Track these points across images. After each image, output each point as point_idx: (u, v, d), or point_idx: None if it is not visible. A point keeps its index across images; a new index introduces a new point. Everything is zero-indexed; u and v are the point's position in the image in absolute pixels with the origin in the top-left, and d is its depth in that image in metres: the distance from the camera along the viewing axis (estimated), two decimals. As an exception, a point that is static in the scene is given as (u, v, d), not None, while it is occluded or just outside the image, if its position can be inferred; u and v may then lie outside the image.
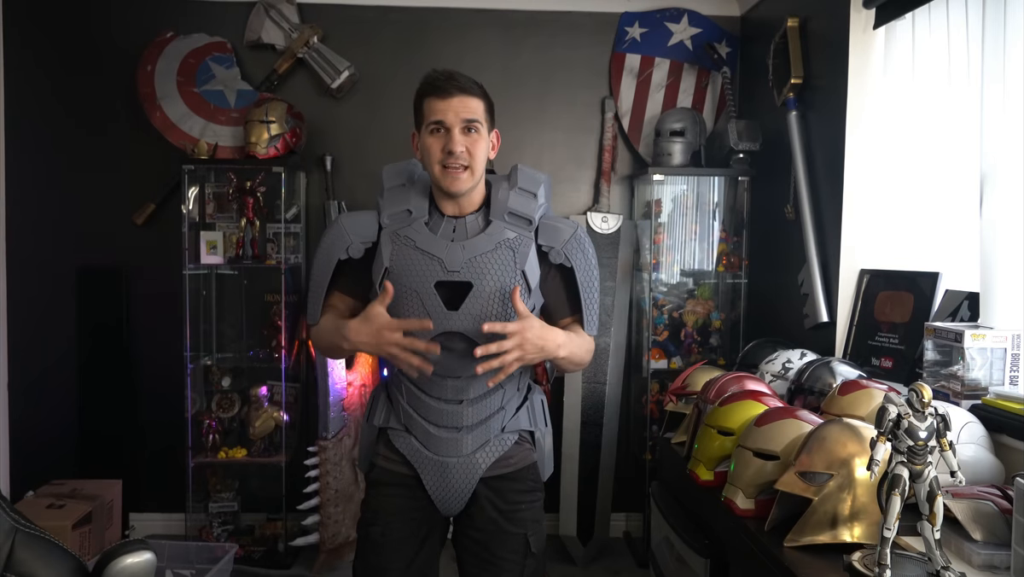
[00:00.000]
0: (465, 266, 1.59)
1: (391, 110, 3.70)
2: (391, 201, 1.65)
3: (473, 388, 1.64)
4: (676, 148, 3.48)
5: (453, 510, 1.70)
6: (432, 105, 1.59)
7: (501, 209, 1.64)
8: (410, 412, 1.67)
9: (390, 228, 1.63)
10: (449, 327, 1.59)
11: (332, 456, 3.32)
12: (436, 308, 1.58)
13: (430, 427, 1.65)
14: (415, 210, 1.64)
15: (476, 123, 1.59)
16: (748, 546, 1.69)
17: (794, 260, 3.03)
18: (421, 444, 1.65)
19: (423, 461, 1.65)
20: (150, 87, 3.56)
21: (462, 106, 1.58)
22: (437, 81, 1.59)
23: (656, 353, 3.58)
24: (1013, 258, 2.02)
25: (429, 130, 1.60)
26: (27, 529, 1.45)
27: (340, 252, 1.64)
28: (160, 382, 3.64)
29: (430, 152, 1.59)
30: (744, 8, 3.72)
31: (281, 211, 3.46)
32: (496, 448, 1.67)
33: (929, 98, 2.46)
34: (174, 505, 3.60)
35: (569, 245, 1.65)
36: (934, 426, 1.31)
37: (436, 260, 1.59)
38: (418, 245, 1.61)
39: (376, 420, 1.72)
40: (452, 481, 1.65)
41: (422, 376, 1.60)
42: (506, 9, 3.70)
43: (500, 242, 1.62)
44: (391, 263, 1.60)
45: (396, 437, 1.68)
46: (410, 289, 1.59)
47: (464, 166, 1.58)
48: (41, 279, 3.65)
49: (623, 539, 3.75)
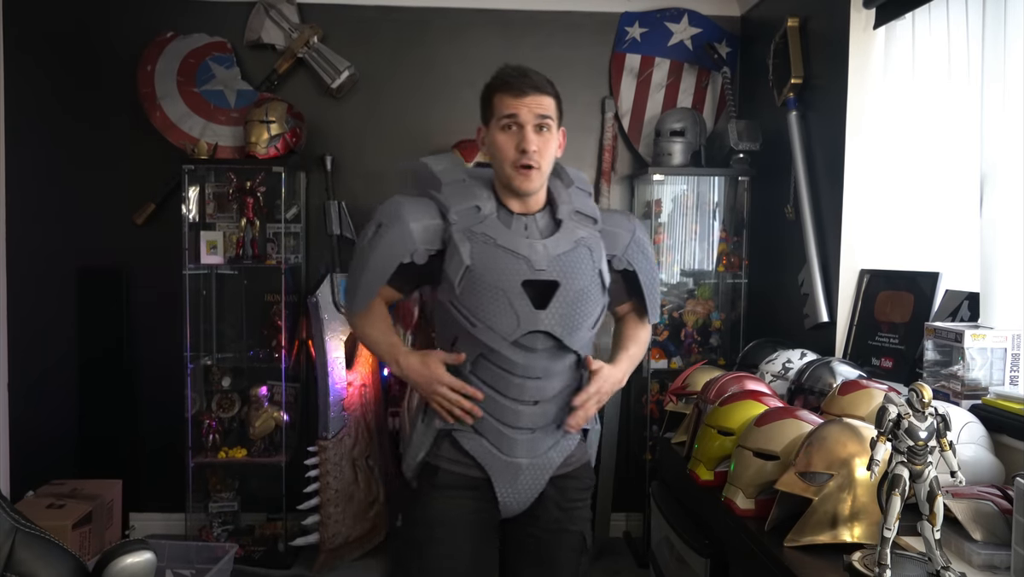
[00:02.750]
0: (551, 265, 1.56)
1: (391, 110, 3.70)
2: (455, 196, 1.59)
3: (550, 388, 1.60)
4: (676, 148, 3.48)
5: (516, 511, 1.66)
6: (505, 101, 1.56)
7: (568, 208, 1.63)
8: (484, 415, 1.60)
9: (460, 225, 1.56)
10: (536, 326, 1.55)
11: (332, 456, 3.31)
12: (524, 307, 1.54)
13: (504, 429, 1.59)
14: (484, 206, 1.59)
15: (549, 120, 1.57)
16: (748, 546, 1.69)
17: (794, 260, 3.03)
18: (493, 446, 1.60)
19: (495, 463, 1.60)
20: (150, 87, 3.56)
21: (536, 104, 1.55)
22: (511, 78, 1.56)
23: (656, 353, 3.57)
24: (1013, 258, 2.02)
25: (501, 126, 1.56)
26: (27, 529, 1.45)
27: (403, 256, 1.56)
28: (160, 382, 3.64)
29: (502, 150, 1.56)
30: (744, 8, 3.71)
31: (281, 211, 3.46)
32: (565, 447, 1.66)
33: (929, 98, 2.46)
34: (174, 505, 3.60)
35: (630, 250, 1.69)
36: (934, 426, 1.31)
37: (522, 258, 1.55)
38: (499, 243, 1.55)
39: (440, 422, 1.63)
40: (523, 483, 1.62)
41: (497, 379, 1.57)
42: (506, 9, 3.70)
43: (577, 241, 1.60)
44: (472, 261, 1.54)
45: (465, 439, 1.61)
46: (495, 288, 1.53)
47: (535, 165, 1.55)
48: (41, 279, 3.65)
49: (623, 539, 3.75)
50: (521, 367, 1.56)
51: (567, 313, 1.56)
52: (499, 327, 1.53)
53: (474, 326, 1.53)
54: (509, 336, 1.53)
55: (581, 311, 1.58)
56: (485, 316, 1.53)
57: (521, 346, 1.55)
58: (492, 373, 1.57)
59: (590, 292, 1.59)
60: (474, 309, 1.53)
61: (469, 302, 1.53)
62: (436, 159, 1.67)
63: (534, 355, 1.56)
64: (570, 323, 1.56)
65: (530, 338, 1.55)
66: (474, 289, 1.53)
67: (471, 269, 1.53)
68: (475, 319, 1.53)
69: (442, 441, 1.64)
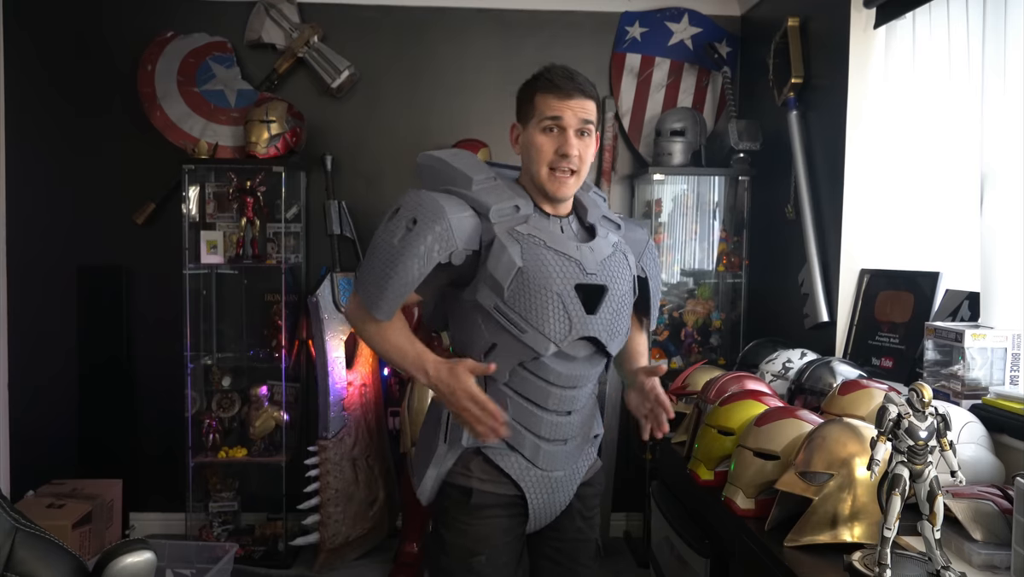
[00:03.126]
0: (599, 269, 1.51)
1: (391, 109, 3.70)
2: (491, 194, 1.50)
3: (582, 397, 1.57)
4: (676, 148, 3.48)
5: (542, 525, 1.61)
6: (549, 102, 1.50)
7: (596, 213, 1.60)
8: (516, 427, 1.51)
9: (503, 225, 1.47)
10: (586, 332, 1.49)
11: (332, 456, 3.31)
12: (577, 311, 1.47)
13: (541, 442, 1.53)
14: (523, 206, 1.51)
15: (591, 125, 1.52)
16: (748, 546, 1.69)
17: (794, 260, 3.03)
18: (529, 461, 1.53)
19: (532, 479, 1.54)
20: (150, 87, 3.56)
21: (580, 107, 1.50)
22: (558, 79, 1.51)
23: (656, 353, 3.57)
24: (1013, 258, 2.02)
25: (542, 127, 1.51)
26: (27, 529, 1.45)
27: (443, 256, 1.43)
28: (160, 382, 3.64)
29: (541, 151, 1.50)
30: (744, 8, 3.71)
31: (281, 211, 3.46)
32: (589, 456, 1.64)
33: (929, 98, 2.46)
34: (174, 505, 3.60)
35: (646, 257, 1.68)
36: (934, 426, 1.31)
37: (573, 261, 1.48)
38: (549, 245, 1.48)
39: (466, 440, 1.52)
40: (557, 496, 1.58)
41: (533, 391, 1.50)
42: (506, 8, 3.70)
43: (615, 246, 1.57)
44: (524, 263, 1.45)
45: (499, 456, 1.52)
46: (550, 292, 1.45)
47: (573, 170, 1.51)
48: (42, 279, 3.65)
49: (623, 539, 3.75)
50: (562, 376, 1.51)
51: (612, 319, 1.53)
52: (552, 332, 1.46)
53: (524, 332, 1.45)
54: (561, 341, 1.47)
55: (623, 317, 1.56)
56: (537, 321, 1.45)
57: (563, 354, 1.49)
58: (529, 384, 1.51)
59: (629, 298, 1.58)
60: (525, 313, 1.45)
61: (520, 306, 1.45)
62: (452, 155, 1.58)
63: (574, 363, 1.52)
64: (614, 329, 1.54)
65: (574, 345, 1.50)
66: (526, 292, 1.44)
67: (523, 271, 1.45)
68: (526, 324, 1.45)
69: (471, 459, 1.54)
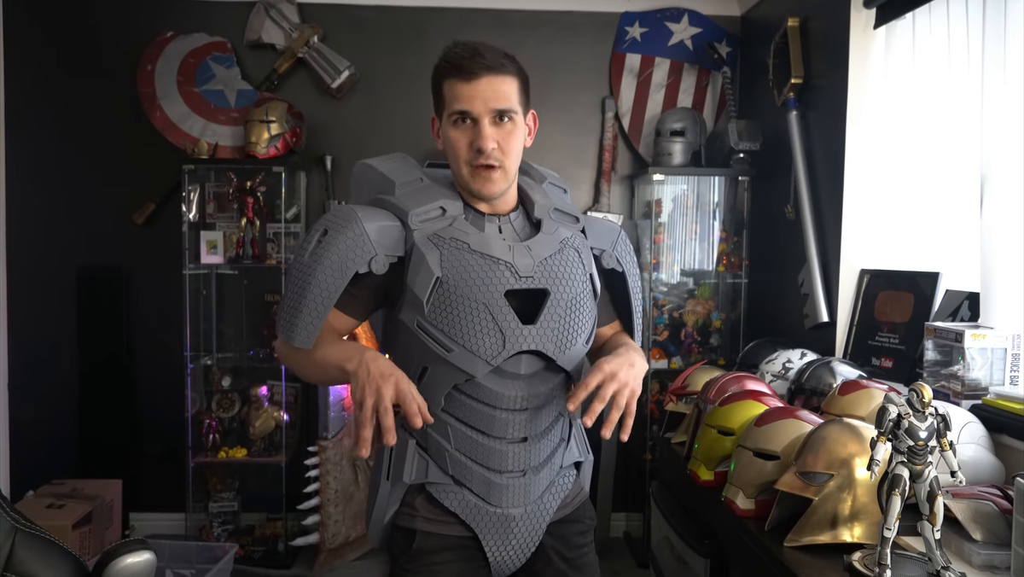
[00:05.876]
0: (537, 271, 1.32)
1: (391, 110, 3.70)
2: (412, 198, 1.33)
3: (539, 420, 1.35)
4: (676, 148, 3.48)
5: (511, 570, 1.39)
6: (455, 90, 1.30)
7: (545, 205, 1.41)
8: (461, 459, 1.32)
9: (424, 229, 1.31)
10: (524, 345, 1.29)
11: (332, 456, 3.31)
12: (510, 323, 1.28)
13: (491, 475, 1.32)
14: (449, 207, 1.34)
15: (510, 112, 1.31)
16: (748, 546, 1.69)
17: (794, 260, 3.03)
18: (480, 497, 1.33)
19: (483, 518, 1.33)
20: (150, 87, 3.56)
21: (491, 91, 1.29)
22: (459, 59, 1.29)
23: (656, 353, 3.58)
24: (1013, 258, 2.02)
25: (452, 120, 1.32)
26: (27, 529, 1.44)
27: (361, 265, 1.27)
28: (160, 382, 3.64)
29: (455, 147, 1.32)
30: (744, 8, 3.71)
31: (281, 211, 3.46)
32: (561, 488, 1.41)
33: (929, 98, 2.46)
34: (174, 505, 3.60)
35: (619, 247, 1.48)
36: (934, 426, 1.31)
37: (503, 264, 1.30)
38: (474, 248, 1.30)
39: (408, 476, 1.34)
40: (518, 536, 1.36)
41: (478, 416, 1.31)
42: (506, 9, 3.70)
43: (563, 242, 1.38)
44: (444, 271, 1.27)
45: (444, 493, 1.33)
46: (475, 301, 1.27)
47: (496, 165, 1.31)
48: (41, 279, 3.65)
49: (623, 539, 3.75)
50: (505, 398, 1.30)
51: (559, 327, 1.32)
52: (481, 349, 1.26)
53: (450, 351, 1.27)
54: (493, 359, 1.27)
55: (574, 323, 1.34)
56: (463, 337, 1.26)
57: (501, 372, 1.30)
58: (469, 409, 1.31)
59: (583, 300, 1.36)
60: (448, 330, 1.26)
61: (442, 322, 1.26)
62: (383, 159, 1.44)
63: (517, 382, 1.31)
64: (563, 338, 1.33)
65: (512, 362, 1.30)
66: (448, 305, 1.26)
67: (442, 281, 1.27)
68: (451, 342, 1.26)
69: (414, 497, 1.36)
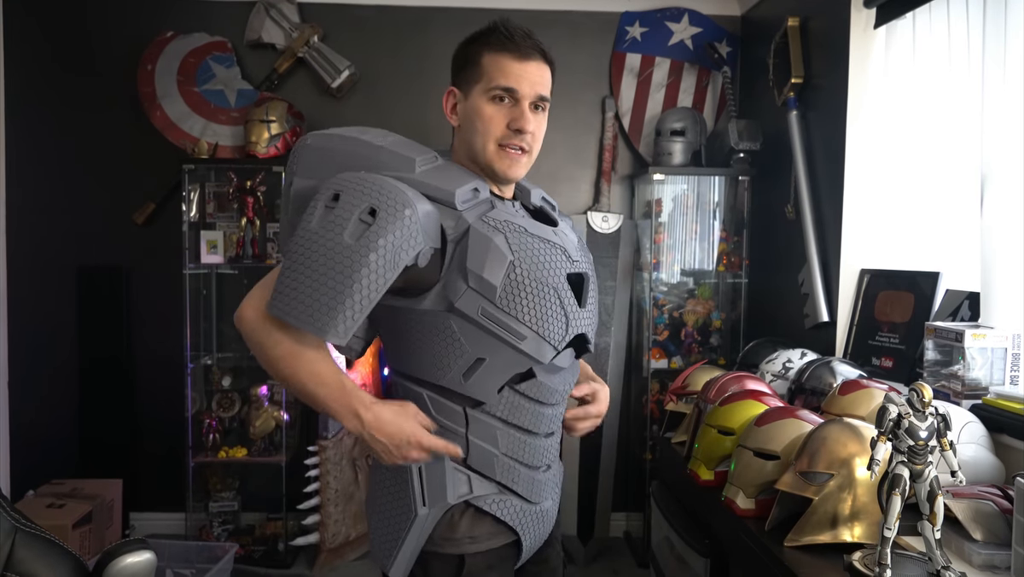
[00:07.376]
0: (579, 255, 1.31)
1: (391, 110, 3.70)
2: (442, 178, 1.23)
3: (562, 413, 1.35)
4: (676, 148, 3.48)
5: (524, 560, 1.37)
6: (503, 65, 1.25)
7: (537, 193, 1.39)
8: (509, 463, 1.26)
9: (471, 212, 1.22)
10: (579, 329, 1.26)
11: (332, 456, 3.31)
12: (573, 306, 1.23)
13: (535, 473, 1.29)
14: (482, 189, 1.27)
15: (547, 102, 1.31)
16: (748, 546, 1.69)
17: (794, 260, 3.03)
18: (523, 499, 1.28)
19: (527, 519, 1.29)
20: (150, 86, 3.56)
21: (539, 75, 1.27)
22: (513, 36, 1.26)
23: (656, 353, 3.58)
24: (1013, 258, 2.02)
25: (490, 96, 1.26)
26: (27, 528, 1.45)
27: (409, 257, 1.15)
28: (160, 382, 3.64)
29: (490, 123, 1.26)
30: (744, 8, 3.71)
31: (281, 211, 3.46)
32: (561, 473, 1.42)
33: (929, 98, 2.46)
34: (174, 505, 3.60)
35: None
36: (934, 426, 1.31)
37: (559, 248, 1.26)
38: (530, 231, 1.24)
39: (452, 496, 1.23)
40: (546, 526, 1.35)
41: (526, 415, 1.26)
42: (506, 9, 3.70)
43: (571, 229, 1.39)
44: (515, 255, 1.20)
45: (495, 505, 1.26)
46: (547, 286, 1.21)
47: (526, 149, 1.29)
48: (42, 278, 3.65)
49: (623, 539, 3.75)
50: (554, 393, 1.27)
51: (594, 312, 1.32)
52: (550, 334, 1.21)
53: (523, 338, 1.19)
54: (559, 344, 1.23)
55: (594, 308, 1.34)
56: (537, 322, 1.19)
57: (552, 367, 1.26)
58: (516, 408, 1.25)
59: None
60: (521, 315, 1.18)
61: (514, 307, 1.18)
62: (363, 131, 1.29)
63: (561, 374, 1.28)
64: (596, 324, 1.33)
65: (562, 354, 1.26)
66: (520, 290, 1.19)
67: (516, 265, 1.19)
68: (524, 328, 1.19)
69: (459, 517, 1.26)
